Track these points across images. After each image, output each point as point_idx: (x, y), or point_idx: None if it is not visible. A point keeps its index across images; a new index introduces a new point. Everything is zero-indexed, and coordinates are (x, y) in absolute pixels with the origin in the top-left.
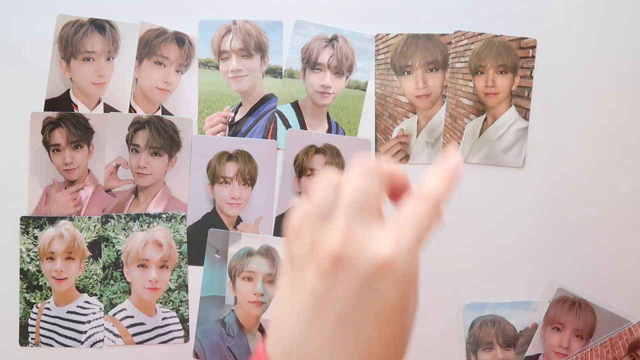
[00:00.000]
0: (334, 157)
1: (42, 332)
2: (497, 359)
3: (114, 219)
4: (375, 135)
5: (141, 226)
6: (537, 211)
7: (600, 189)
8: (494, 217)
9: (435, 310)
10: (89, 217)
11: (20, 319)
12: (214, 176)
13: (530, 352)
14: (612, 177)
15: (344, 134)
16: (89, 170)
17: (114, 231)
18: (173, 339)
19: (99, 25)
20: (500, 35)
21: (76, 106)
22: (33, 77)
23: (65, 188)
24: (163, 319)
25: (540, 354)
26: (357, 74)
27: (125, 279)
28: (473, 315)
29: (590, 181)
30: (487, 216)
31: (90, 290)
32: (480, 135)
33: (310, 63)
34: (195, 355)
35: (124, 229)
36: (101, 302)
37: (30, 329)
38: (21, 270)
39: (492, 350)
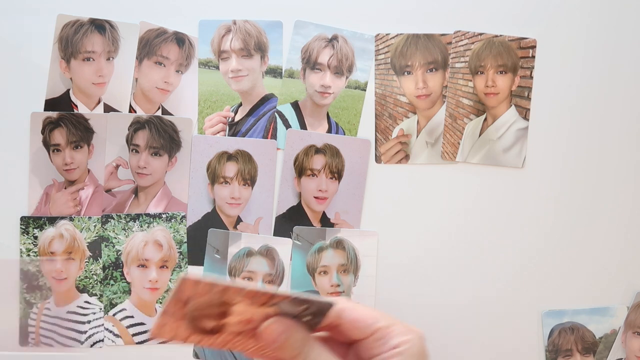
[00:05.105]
0: (334, 157)
1: (42, 332)
2: None
3: (114, 219)
4: (375, 135)
5: (141, 226)
6: (538, 213)
7: (601, 188)
8: (497, 218)
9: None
10: (89, 217)
11: (20, 319)
12: (214, 176)
13: (611, 357)
14: (612, 176)
15: (344, 134)
16: (89, 170)
17: (114, 231)
18: None
19: (99, 25)
20: (500, 35)
21: (76, 106)
22: (33, 77)
23: (65, 188)
24: None
25: (621, 359)
26: (357, 74)
27: (125, 279)
28: (552, 322)
29: (591, 181)
30: (490, 218)
31: (90, 290)
32: (480, 135)
33: (310, 63)
34: (195, 355)
35: (124, 229)
36: (101, 302)
37: (30, 329)
38: (21, 270)
39: (571, 357)
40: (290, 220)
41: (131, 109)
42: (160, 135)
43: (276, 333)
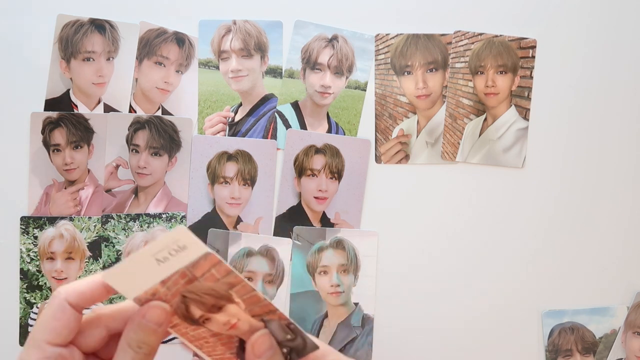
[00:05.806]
0: (334, 157)
1: None
2: None
3: (114, 219)
4: (375, 135)
5: (141, 226)
6: (538, 213)
7: (601, 188)
8: (497, 218)
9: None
10: (89, 217)
11: (20, 319)
12: (214, 176)
13: (611, 357)
14: (612, 176)
15: (344, 134)
16: (89, 170)
17: (114, 231)
18: (173, 338)
19: (99, 25)
20: (500, 35)
21: (76, 106)
22: (33, 77)
23: (65, 188)
24: None
25: (621, 358)
26: (357, 74)
27: None
28: (552, 322)
29: (591, 181)
30: (491, 217)
31: None
32: (480, 135)
33: (310, 63)
34: (196, 355)
35: (124, 229)
36: (101, 302)
37: (30, 329)
38: (21, 270)
39: (571, 357)
40: (290, 220)
41: (131, 109)
42: (160, 135)
43: (266, 346)
